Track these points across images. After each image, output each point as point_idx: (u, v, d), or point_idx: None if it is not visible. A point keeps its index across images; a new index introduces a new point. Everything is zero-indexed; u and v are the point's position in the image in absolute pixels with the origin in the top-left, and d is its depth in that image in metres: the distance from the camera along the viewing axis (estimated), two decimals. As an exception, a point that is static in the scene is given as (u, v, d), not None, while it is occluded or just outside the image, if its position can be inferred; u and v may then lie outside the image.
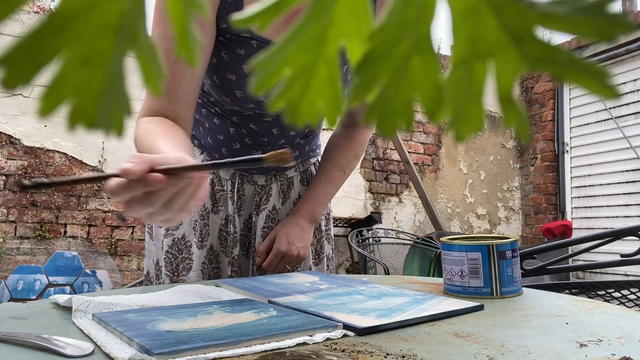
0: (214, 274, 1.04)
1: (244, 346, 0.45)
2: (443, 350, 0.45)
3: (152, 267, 1.06)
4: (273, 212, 1.08)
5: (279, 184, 1.09)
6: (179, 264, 1.02)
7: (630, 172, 4.09)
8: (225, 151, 1.04)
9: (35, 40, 0.15)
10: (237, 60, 0.91)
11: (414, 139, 4.38)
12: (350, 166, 1.12)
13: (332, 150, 1.12)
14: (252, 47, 0.90)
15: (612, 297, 1.13)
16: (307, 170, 1.14)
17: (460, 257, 0.71)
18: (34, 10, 3.16)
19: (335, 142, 1.13)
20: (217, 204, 1.05)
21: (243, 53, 0.91)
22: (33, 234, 3.05)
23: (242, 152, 1.03)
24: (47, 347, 0.44)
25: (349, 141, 1.12)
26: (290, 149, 0.52)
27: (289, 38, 0.18)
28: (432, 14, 0.18)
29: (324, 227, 1.16)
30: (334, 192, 1.10)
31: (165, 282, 1.02)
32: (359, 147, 1.13)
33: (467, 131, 0.19)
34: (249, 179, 1.06)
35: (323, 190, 1.07)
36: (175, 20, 0.18)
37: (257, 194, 1.07)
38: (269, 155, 0.51)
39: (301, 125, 0.20)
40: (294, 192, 1.11)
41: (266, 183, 1.07)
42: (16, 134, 3.05)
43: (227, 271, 1.04)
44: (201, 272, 1.02)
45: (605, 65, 3.78)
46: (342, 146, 1.11)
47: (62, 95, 0.16)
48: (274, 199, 1.08)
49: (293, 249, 1.00)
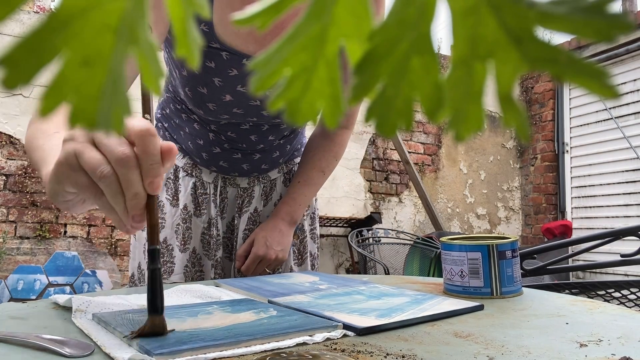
0: (197, 277, 1.03)
1: (243, 346, 0.45)
2: (443, 350, 0.45)
3: (136, 270, 1.05)
4: (255, 214, 1.08)
5: (262, 185, 1.09)
6: (161, 267, 1.01)
7: (630, 172, 4.10)
8: (205, 155, 1.03)
9: (35, 40, 0.15)
10: (207, 73, 0.90)
11: (414, 139, 4.38)
12: (330, 167, 1.10)
13: (311, 151, 1.10)
14: (222, 59, 0.89)
15: (612, 297, 1.13)
16: (290, 171, 1.13)
17: (460, 257, 0.71)
18: (34, 10, 3.16)
19: (314, 143, 1.11)
20: (199, 207, 1.04)
21: (213, 66, 0.90)
22: (33, 234, 3.05)
23: (222, 155, 1.03)
24: (47, 347, 0.44)
25: (328, 142, 1.10)
26: (161, 316, 0.47)
27: (288, 38, 0.18)
28: (432, 14, 0.18)
29: (309, 227, 1.15)
30: (313, 194, 1.09)
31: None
32: (338, 147, 1.11)
33: (467, 131, 0.19)
34: (231, 182, 1.06)
35: (302, 192, 1.06)
36: (175, 20, 0.18)
37: (239, 197, 1.06)
38: (142, 329, 0.47)
39: (301, 125, 0.20)
40: (276, 194, 1.11)
41: (249, 185, 1.07)
42: (16, 134, 3.05)
43: (210, 274, 1.03)
44: (184, 275, 1.01)
45: (605, 65, 3.78)
46: (321, 147, 1.10)
47: (62, 95, 0.16)
48: (256, 201, 1.08)
49: (271, 253, 0.99)
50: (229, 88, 0.92)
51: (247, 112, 0.96)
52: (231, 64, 0.90)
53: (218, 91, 0.92)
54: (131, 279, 1.07)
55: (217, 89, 0.92)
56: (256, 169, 1.06)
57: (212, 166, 1.04)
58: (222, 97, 0.93)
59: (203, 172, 1.05)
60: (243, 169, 1.05)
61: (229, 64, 0.90)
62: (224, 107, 0.94)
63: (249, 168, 1.05)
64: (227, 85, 0.92)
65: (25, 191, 3.06)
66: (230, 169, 1.04)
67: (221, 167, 1.04)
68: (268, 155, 1.06)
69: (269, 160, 1.07)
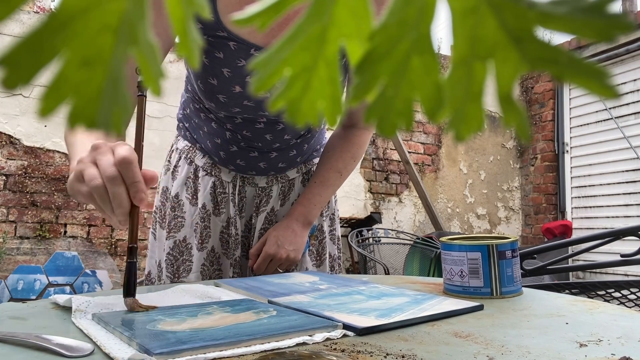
0: (215, 276, 1.04)
1: (243, 346, 0.45)
2: (443, 350, 0.45)
3: (154, 268, 1.06)
4: (271, 213, 1.08)
5: (280, 185, 1.09)
6: (180, 265, 1.02)
7: (630, 172, 4.10)
8: (223, 154, 1.04)
9: (35, 40, 0.15)
10: (216, 63, 0.91)
11: (414, 139, 4.38)
12: (348, 168, 1.10)
13: (329, 152, 1.10)
14: (230, 50, 0.90)
15: (612, 297, 1.13)
16: (309, 172, 1.14)
17: (460, 257, 0.71)
18: (34, 10, 3.16)
19: (333, 144, 1.11)
20: (218, 206, 1.05)
21: (222, 56, 0.90)
22: (33, 234, 3.05)
23: (239, 154, 1.03)
24: (47, 347, 0.44)
25: (346, 143, 1.10)
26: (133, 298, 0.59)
27: (288, 38, 0.18)
28: (432, 14, 0.18)
29: (328, 228, 1.15)
30: (330, 195, 1.09)
31: (165, 282, 1.02)
32: (356, 148, 1.10)
33: (467, 131, 0.19)
34: (250, 181, 1.06)
35: (318, 193, 1.06)
36: (175, 20, 0.18)
37: (257, 196, 1.07)
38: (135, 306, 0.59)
39: (301, 125, 0.20)
40: (294, 194, 1.11)
41: (267, 185, 1.07)
42: (16, 134, 3.05)
43: (228, 272, 1.04)
44: (201, 273, 1.02)
45: (605, 65, 3.78)
46: (339, 148, 1.09)
47: (62, 95, 0.16)
48: (273, 200, 1.08)
49: (282, 252, 1.00)
50: (238, 79, 0.93)
51: (258, 105, 0.96)
52: (239, 55, 0.91)
53: (228, 82, 0.92)
54: (147, 277, 1.07)
55: (227, 79, 0.92)
56: (273, 168, 1.06)
57: (230, 165, 1.05)
58: (231, 89, 0.93)
59: (222, 172, 1.05)
60: (260, 167, 1.05)
61: (236, 54, 0.90)
62: (235, 99, 0.95)
63: (265, 167, 1.06)
64: (235, 76, 0.92)
65: (25, 191, 3.06)
66: (248, 167, 1.05)
67: (238, 165, 1.05)
68: (285, 154, 1.06)
69: (286, 159, 1.07)
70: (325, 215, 1.15)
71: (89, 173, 0.62)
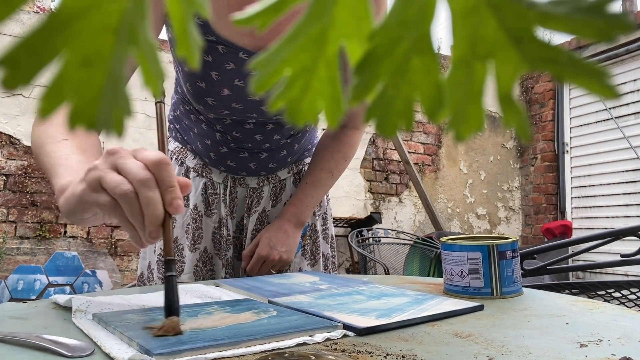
0: (208, 276, 1.04)
1: (244, 346, 0.45)
2: (443, 351, 0.45)
3: (145, 269, 1.06)
4: (263, 214, 1.08)
5: (271, 186, 1.09)
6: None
7: (630, 172, 4.10)
8: (213, 155, 1.04)
9: (35, 40, 0.15)
10: (205, 67, 0.91)
11: (414, 139, 4.38)
12: (339, 168, 1.09)
13: (321, 152, 1.10)
14: (218, 53, 0.90)
15: (612, 297, 1.13)
16: (300, 172, 1.13)
17: (460, 257, 0.71)
18: (34, 10, 3.16)
19: (324, 144, 1.10)
20: (210, 207, 1.05)
21: (210, 60, 0.90)
22: (33, 234, 3.05)
23: (229, 155, 1.03)
24: (47, 347, 0.44)
25: (338, 143, 1.09)
26: (177, 318, 0.50)
27: (288, 38, 0.18)
28: (432, 14, 0.18)
29: (321, 227, 1.15)
30: (321, 195, 1.08)
31: (157, 284, 1.02)
32: (347, 148, 1.10)
33: (467, 131, 0.19)
34: (241, 182, 1.06)
35: (309, 194, 1.06)
36: (175, 20, 0.18)
37: (248, 197, 1.07)
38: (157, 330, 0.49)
39: (301, 125, 0.20)
40: (285, 195, 1.10)
41: (258, 185, 1.07)
42: (16, 134, 3.05)
43: (221, 273, 1.04)
44: (193, 274, 1.02)
45: (605, 65, 3.78)
46: (330, 148, 1.09)
47: (62, 96, 0.16)
48: (264, 201, 1.08)
49: (274, 253, 0.99)
50: (227, 82, 0.93)
51: (247, 108, 0.96)
52: (227, 58, 0.90)
53: (216, 85, 0.92)
54: (140, 278, 1.07)
55: (215, 82, 0.92)
56: (264, 168, 1.06)
57: (221, 166, 1.05)
58: (220, 92, 0.93)
59: (213, 173, 1.05)
60: (250, 168, 1.05)
61: (225, 57, 0.90)
62: (223, 102, 0.95)
63: (256, 167, 1.05)
64: (224, 79, 0.92)
65: (25, 191, 3.06)
66: (238, 168, 1.05)
67: (229, 166, 1.04)
68: (275, 155, 1.06)
69: (277, 160, 1.07)
70: (317, 215, 1.15)
71: (112, 179, 0.53)
